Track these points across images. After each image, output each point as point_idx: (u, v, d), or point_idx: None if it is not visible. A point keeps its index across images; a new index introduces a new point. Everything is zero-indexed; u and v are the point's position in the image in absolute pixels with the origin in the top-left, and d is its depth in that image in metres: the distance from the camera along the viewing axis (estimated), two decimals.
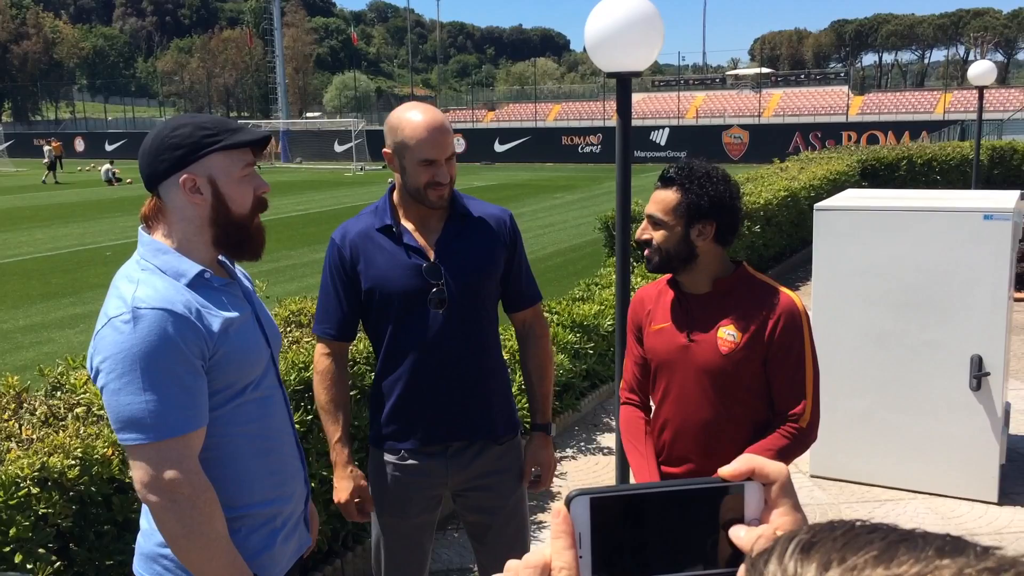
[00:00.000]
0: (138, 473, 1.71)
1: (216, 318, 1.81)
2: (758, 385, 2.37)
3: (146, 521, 1.91)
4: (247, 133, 1.88)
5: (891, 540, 0.46)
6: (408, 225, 2.44)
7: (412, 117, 2.33)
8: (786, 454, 2.32)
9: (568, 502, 0.63)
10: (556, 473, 3.81)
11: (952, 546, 0.45)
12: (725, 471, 0.66)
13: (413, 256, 2.40)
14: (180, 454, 1.71)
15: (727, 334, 2.34)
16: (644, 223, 2.41)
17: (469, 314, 2.43)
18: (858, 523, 0.48)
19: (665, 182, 2.37)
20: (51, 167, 33.46)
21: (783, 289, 2.40)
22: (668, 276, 2.47)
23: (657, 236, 2.36)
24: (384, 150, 2.42)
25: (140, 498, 1.73)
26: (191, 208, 1.84)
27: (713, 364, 2.35)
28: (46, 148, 34.65)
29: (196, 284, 1.82)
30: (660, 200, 2.36)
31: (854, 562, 0.45)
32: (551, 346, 2.74)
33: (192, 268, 1.83)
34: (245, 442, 1.89)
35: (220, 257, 1.95)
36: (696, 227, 2.32)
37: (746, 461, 0.66)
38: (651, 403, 2.59)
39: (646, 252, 2.40)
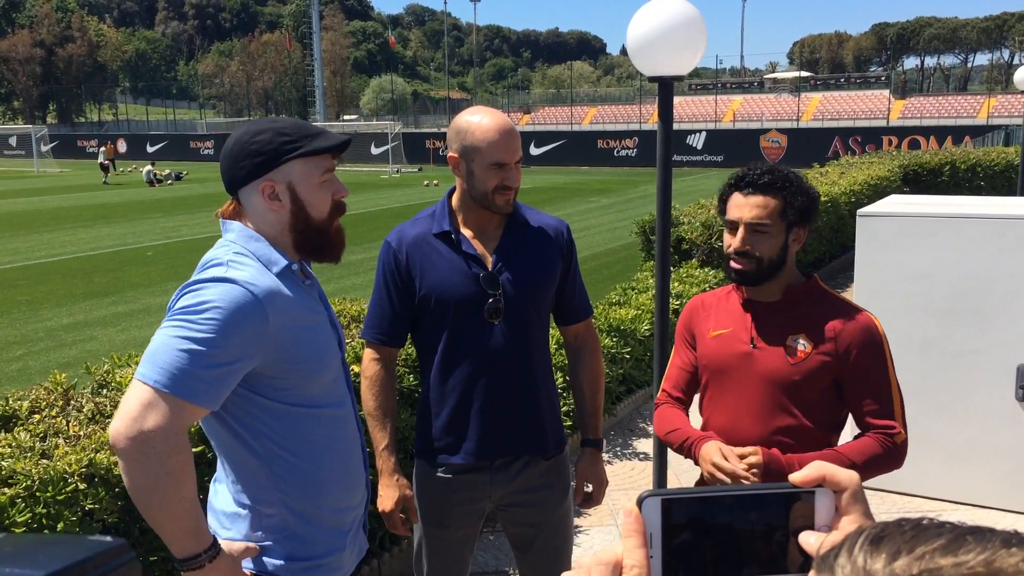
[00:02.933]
0: (122, 407, 1.65)
1: (298, 311, 1.82)
2: (824, 401, 2.24)
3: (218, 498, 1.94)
4: (326, 139, 1.87)
5: (959, 532, 0.47)
6: (467, 232, 2.39)
7: (481, 121, 2.30)
8: (876, 465, 2.19)
9: (640, 502, 0.64)
10: None
11: (1019, 538, 0.45)
12: (795, 477, 0.66)
13: (472, 264, 2.35)
14: (175, 413, 1.65)
15: (798, 343, 2.22)
16: (741, 232, 2.21)
17: (524, 326, 2.38)
18: (925, 520, 0.49)
19: (762, 188, 2.20)
20: (104, 168, 34.20)
21: (861, 307, 2.29)
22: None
23: (763, 246, 2.20)
24: (449, 155, 2.37)
25: (111, 436, 1.65)
26: (271, 214, 1.86)
27: (779, 372, 2.22)
28: (101, 150, 35.55)
29: (284, 275, 1.84)
30: (762, 206, 2.19)
31: (922, 551, 0.46)
32: (602, 360, 2.68)
33: (283, 258, 1.85)
34: (323, 446, 1.90)
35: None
36: (794, 233, 2.23)
37: (817, 468, 0.66)
38: (699, 415, 2.48)
39: (739, 264, 2.23)
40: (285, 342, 1.79)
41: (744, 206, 2.21)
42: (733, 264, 2.25)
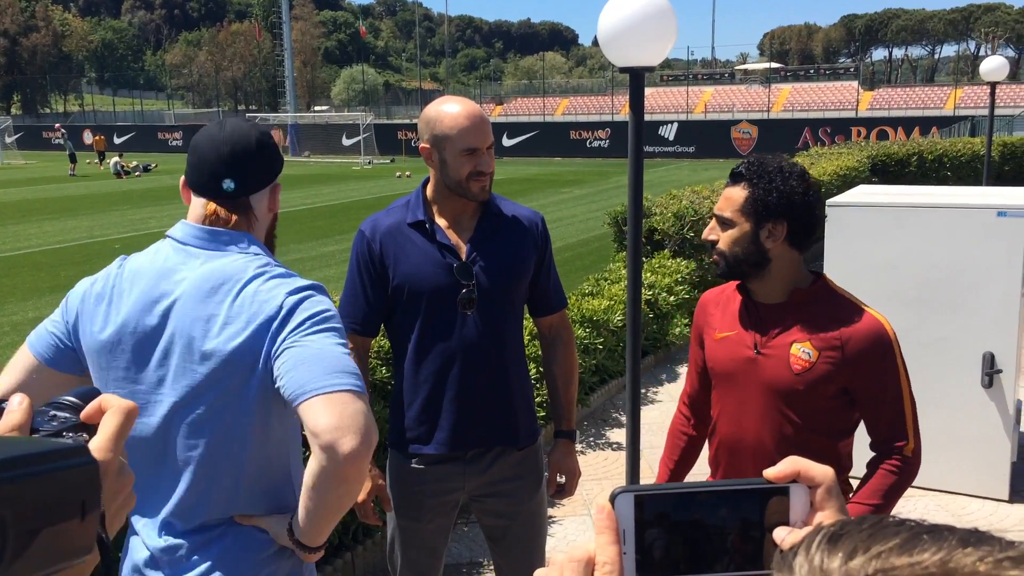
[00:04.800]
0: (353, 420, 1.52)
1: None
2: (832, 410, 2.14)
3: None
4: None
5: (916, 531, 0.47)
6: (441, 222, 2.38)
7: (450, 109, 2.30)
8: (896, 491, 2.10)
9: (612, 499, 0.63)
10: None
11: (976, 537, 0.45)
12: (770, 472, 0.66)
13: (445, 254, 2.34)
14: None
15: (801, 351, 2.10)
16: (712, 223, 2.19)
17: (497, 317, 2.38)
18: (886, 518, 0.49)
19: (734, 178, 2.15)
20: (72, 159, 33.71)
21: (870, 309, 2.13)
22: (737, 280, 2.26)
23: (724, 237, 2.14)
24: (421, 145, 2.36)
25: (350, 455, 1.50)
26: (267, 216, 1.84)
27: (782, 381, 2.12)
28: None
29: None
30: (728, 197, 2.13)
31: (878, 550, 0.46)
32: (576, 352, 2.68)
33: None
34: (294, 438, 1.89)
35: None
36: (766, 227, 2.08)
37: (791, 463, 0.66)
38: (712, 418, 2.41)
39: (714, 256, 2.19)
40: None
41: (720, 198, 2.18)
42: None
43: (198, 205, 1.79)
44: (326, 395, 1.53)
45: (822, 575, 0.47)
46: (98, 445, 0.73)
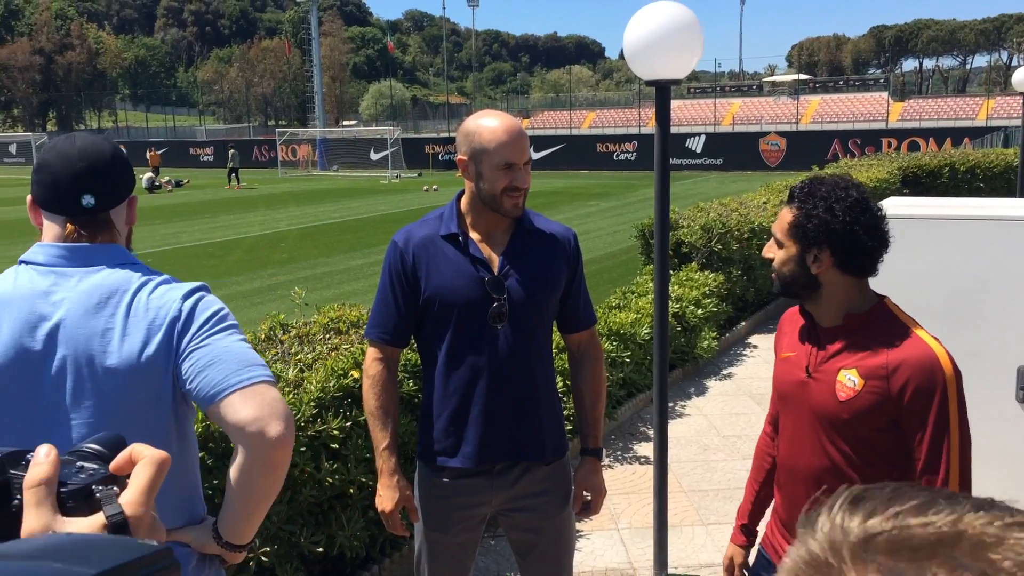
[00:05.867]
0: (273, 407, 1.57)
1: None
2: (882, 443, 2.04)
3: None
4: None
5: (934, 496, 0.50)
6: (475, 235, 2.39)
7: (490, 123, 2.32)
8: None
9: None
10: None
11: (991, 504, 0.48)
12: None
13: (478, 267, 2.35)
14: None
15: (848, 379, 2.02)
16: (771, 240, 2.16)
17: (527, 331, 2.38)
18: (908, 484, 0.52)
19: (788, 198, 2.11)
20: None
21: (925, 337, 2.03)
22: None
23: (777, 257, 2.12)
24: (458, 157, 2.38)
25: (282, 440, 1.55)
26: (125, 229, 1.80)
27: (827, 409, 2.06)
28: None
29: None
30: (780, 218, 2.11)
31: (895, 511, 0.49)
32: (604, 369, 2.68)
33: None
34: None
35: None
36: (811, 252, 2.04)
37: None
38: None
39: (772, 274, 2.17)
40: None
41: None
42: None
43: (55, 224, 1.72)
44: (243, 389, 1.56)
45: (842, 533, 0.49)
46: (130, 499, 0.71)
